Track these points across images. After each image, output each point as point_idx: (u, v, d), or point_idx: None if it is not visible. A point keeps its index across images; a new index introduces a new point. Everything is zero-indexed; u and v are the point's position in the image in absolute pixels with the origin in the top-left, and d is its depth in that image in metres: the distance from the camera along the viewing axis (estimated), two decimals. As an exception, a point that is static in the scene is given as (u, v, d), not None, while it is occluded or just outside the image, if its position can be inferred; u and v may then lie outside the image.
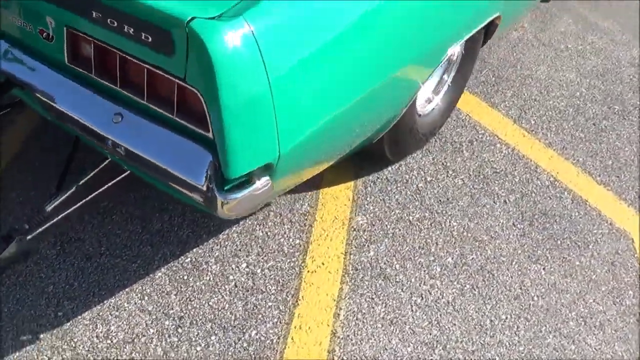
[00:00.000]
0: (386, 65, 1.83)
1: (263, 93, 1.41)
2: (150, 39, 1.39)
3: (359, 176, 2.51)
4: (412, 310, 2.07)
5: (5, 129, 2.50)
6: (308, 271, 2.14)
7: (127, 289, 2.02)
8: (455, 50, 2.59)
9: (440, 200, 2.44)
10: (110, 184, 1.92)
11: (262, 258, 2.17)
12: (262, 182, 1.49)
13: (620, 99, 3.14)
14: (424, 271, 2.18)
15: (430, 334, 2.01)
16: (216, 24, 1.33)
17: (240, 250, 2.18)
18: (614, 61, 3.43)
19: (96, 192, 1.91)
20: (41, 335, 1.88)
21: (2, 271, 1.74)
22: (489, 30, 2.66)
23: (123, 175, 1.91)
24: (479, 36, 2.61)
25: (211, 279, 2.09)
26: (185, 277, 2.08)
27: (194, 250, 2.16)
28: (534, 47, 3.43)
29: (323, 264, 2.17)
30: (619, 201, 2.55)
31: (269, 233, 2.25)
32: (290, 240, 2.24)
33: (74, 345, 1.87)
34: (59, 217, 1.83)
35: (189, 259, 2.13)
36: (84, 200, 1.88)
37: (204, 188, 1.46)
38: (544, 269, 2.25)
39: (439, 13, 2.00)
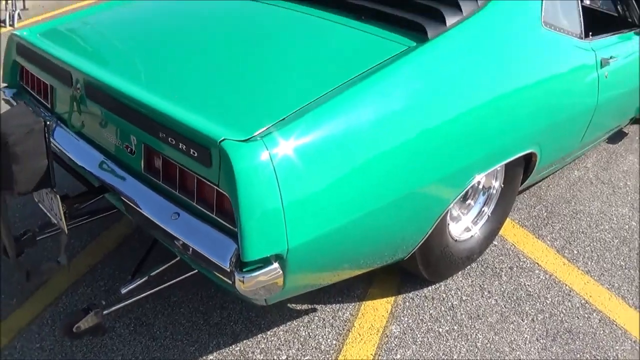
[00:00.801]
0: (400, 186, 2.07)
1: (275, 205, 1.77)
2: (196, 154, 1.85)
3: (401, 292, 2.78)
4: (427, 410, 2.25)
5: (101, 232, 3.08)
6: (339, 367, 2.41)
7: (181, 367, 2.39)
8: (492, 183, 2.88)
9: (471, 316, 2.64)
10: (178, 279, 2.36)
11: (301, 352, 2.46)
12: (271, 268, 1.83)
13: (673, 236, 3.22)
14: (445, 376, 2.37)
15: None
16: (242, 146, 1.73)
17: (283, 344, 2.50)
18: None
19: (166, 284, 2.36)
20: (105, 395, 2.28)
21: (79, 337, 2.15)
22: (528, 166, 2.92)
23: (191, 273, 2.35)
24: (517, 171, 2.86)
25: (253, 366, 2.41)
26: (232, 363, 2.42)
27: (244, 341, 2.51)
28: (593, 184, 3.62)
29: (353, 362, 2.44)
30: (649, 324, 2.61)
31: (311, 333, 2.56)
32: (328, 340, 2.53)
33: (129, 406, 2.25)
34: (132, 299, 2.28)
35: (238, 348, 2.48)
36: (154, 289, 2.33)
37: (228, 270, 1.84)
38: (559, 381, 2.35)
39: (459, 140, 2.21)
